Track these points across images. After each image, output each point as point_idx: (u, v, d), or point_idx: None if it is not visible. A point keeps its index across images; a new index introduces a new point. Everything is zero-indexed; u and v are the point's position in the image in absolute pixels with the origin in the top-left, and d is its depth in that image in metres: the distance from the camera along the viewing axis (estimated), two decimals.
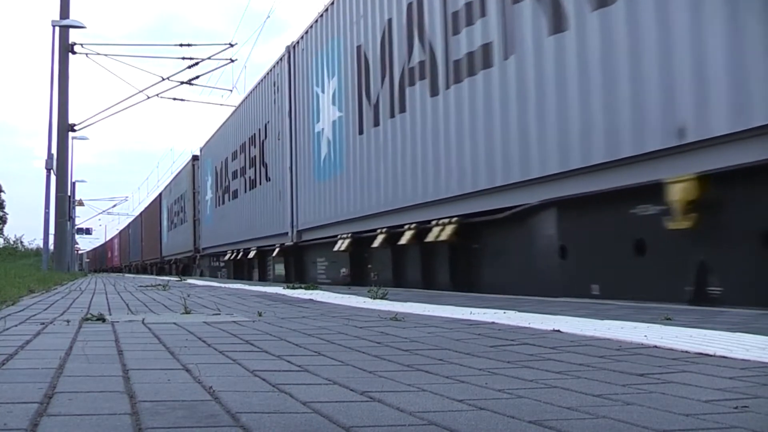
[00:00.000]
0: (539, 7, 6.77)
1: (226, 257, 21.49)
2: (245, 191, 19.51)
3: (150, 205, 44.38)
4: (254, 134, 18.65)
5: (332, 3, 12.39)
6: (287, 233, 15.26)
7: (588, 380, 1.95)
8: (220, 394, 1.73)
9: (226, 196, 21.87)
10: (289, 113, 15.17)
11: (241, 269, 20.61)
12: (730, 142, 4.87)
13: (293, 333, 3.24)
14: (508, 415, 1.52)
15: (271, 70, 16.72)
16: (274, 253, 16.21)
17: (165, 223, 36.78)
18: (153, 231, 40.70)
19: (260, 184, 18.00)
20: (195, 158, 28.30)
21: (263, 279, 17.80)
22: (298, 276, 14.56)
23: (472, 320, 3.80)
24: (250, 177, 19.13)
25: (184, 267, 31.05)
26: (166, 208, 36.79)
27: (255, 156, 18.63)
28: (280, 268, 16.61)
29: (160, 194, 39.13)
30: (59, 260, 22.73)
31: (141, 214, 49.31)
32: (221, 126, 23.10)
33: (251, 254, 18.59)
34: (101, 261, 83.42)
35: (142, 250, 47.02)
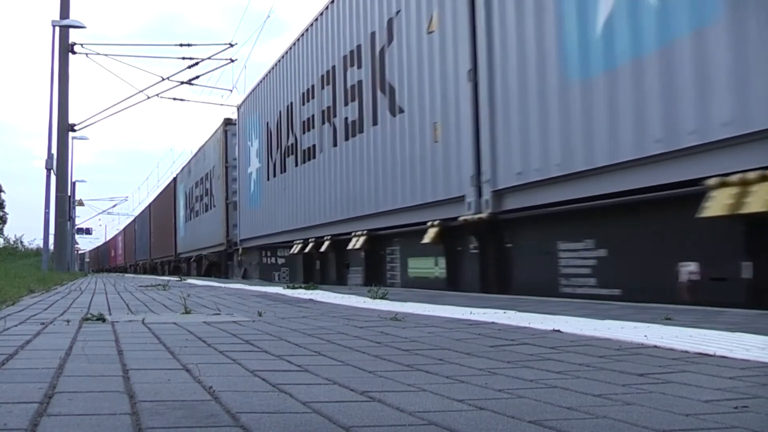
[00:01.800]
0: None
1: (295, 250, 14.64)
2: (333, 144, 12.49)
3: (161, 194, 38.08)
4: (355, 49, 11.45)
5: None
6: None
7: (588, 380, 1.95)
8: (220, 394, 1.73)
9: (290, 160, 15.21)
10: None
11: (324, 268, 13.72)
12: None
13: (293, 333, 3.24)
14: (508, 415, 1.52)
15: None
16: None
17: (181, 213, 30.69)
18: (165, 224, 34.86)
19: (364, 129, 11.12)
20: (228, 122, 22.12)
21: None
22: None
23: (472, 320, 3.80)
24: (344, 121, 11.94)
25: (211, 265, 24.68)
26: (182, 195, 30.52)
27: (360, 81, 11.25)
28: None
29: (175, 178, 33.10)
30: (59, 260, 22.73)
31: (149, 206, 43.05)
32: (274, 65, 16.54)
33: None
34: (103, 260, 79.94)
35: (150, 248, 41.15)
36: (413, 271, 10.14)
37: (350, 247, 11.55)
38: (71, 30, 21.87)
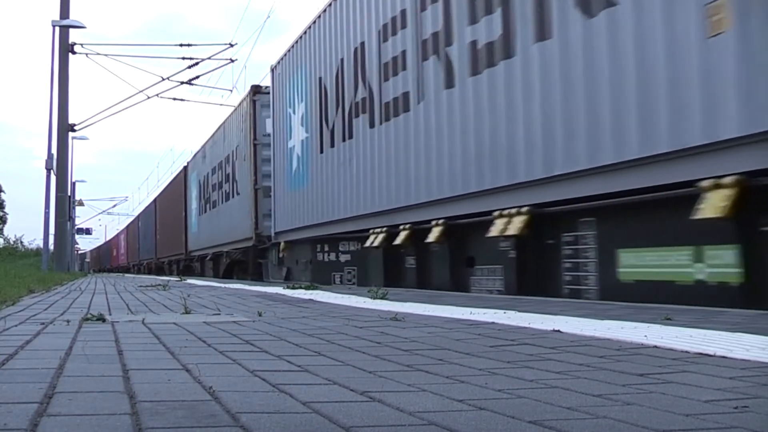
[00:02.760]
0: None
1: (373, 242, 10.62)
2: (447, 85, 8.60)
3: (168, 186, 34.16)
4: None
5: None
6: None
7: (588, 380, 1.95)
8: (220, 394, 1.73)
9: (361, 120, 11.24)
10: None
11: (424, 266, 9.71)
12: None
13: (293, 333, 3.24)
14: (508, 415, 1.52)
15: None
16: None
17: (193, 206, 26.73)
18: (173, 220, 31.11)
19: (517, 52, 7.18)
20: (257, 90, 17.48)
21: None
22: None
23: (472, 320, 3.80)
24: (469, 48, 8.09)
25: (233, 264, 20.67)
26: (195, 185, 26.42)
27: None
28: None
29: (186, 167, 28.80)
30: (59, 260, 22.73)
31: (155, 200, 38.89)
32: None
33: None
34: (105, 260, 76.37)
35: (156, 246, 37.10)
36: (632, 273, 6.05)
37: (492, 233, 7.49)
38: (71, 30, 21.87)
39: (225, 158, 21.16)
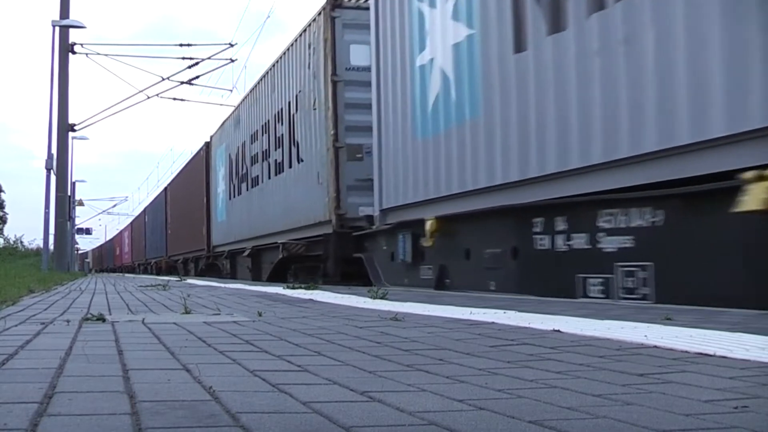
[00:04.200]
0: None
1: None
2: None
3: (184, 170, 28.91)
4: None
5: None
6: None
7: (588, 380, 1.95)
8: (220, 394, 1.73)
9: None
10: None
11: None
12: None
13: (293, 333, 3.24)
14: (508, 415, 1.52)
15: None
16: None
17: (220, 188, 21.56)
18: (191, 209, 26.02)
19: None
20: (336, 4, 12.15)
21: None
22: None
23: (472, 320, 3.80)
24: None
25: (289, 261, 15.04)
26: (223, 162, 21.23)
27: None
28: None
29: (208, 142, 23.84)
30: (59, 260, 22.73)
31: (165, 189, 33.83)
32: None
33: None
34: (107, 260, 72.88)
35: (167, 242, 32.13)
36: None
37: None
38: (71, 30, 21.88)
39: (274, 115, 15.54)
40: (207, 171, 23.61)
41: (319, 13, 12.53)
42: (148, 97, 23.10)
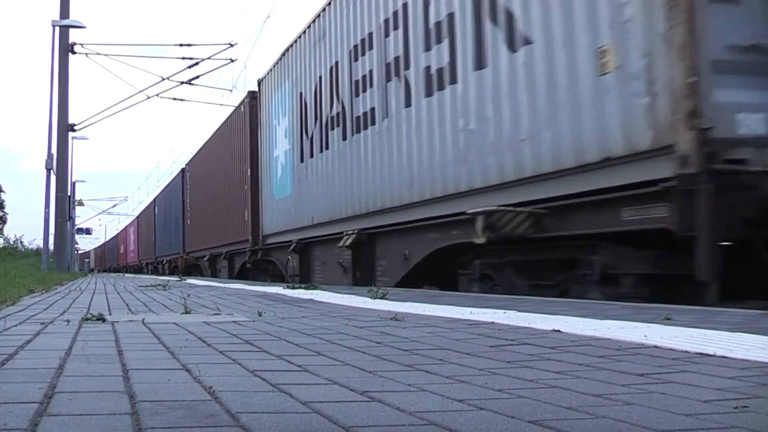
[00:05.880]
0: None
1: None
2: None
3: (214, 136, 22.37)
4: None
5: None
6: None
7: (588, 380, 1.95)
8: (220, 394, 1.73)
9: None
10: None
11: None
12: None
13: (293, 333, 3.24)
14: (508, 415, 1.52)
15: None
16: None
17: (279, 148, 15.53)
18: (223, 190, 20.20)
19: None
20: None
21: None
22: None
23: (472, 320, 3.80)
24: None
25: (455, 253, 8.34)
26: (285, 110, 14.98)
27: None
28: None
29: (253, 91, 17.63)
30: (59, 260, 22.72)
31: (183, 170, 28.02)
32: None
33: None
34: (111, 259, 68.34)
35: (184, 237, 26.84)
36: None
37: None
38: (71, 30, 21.87)
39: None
40: (253, 131, 17.30)
41: None
42: (148, 97, 23.10)
